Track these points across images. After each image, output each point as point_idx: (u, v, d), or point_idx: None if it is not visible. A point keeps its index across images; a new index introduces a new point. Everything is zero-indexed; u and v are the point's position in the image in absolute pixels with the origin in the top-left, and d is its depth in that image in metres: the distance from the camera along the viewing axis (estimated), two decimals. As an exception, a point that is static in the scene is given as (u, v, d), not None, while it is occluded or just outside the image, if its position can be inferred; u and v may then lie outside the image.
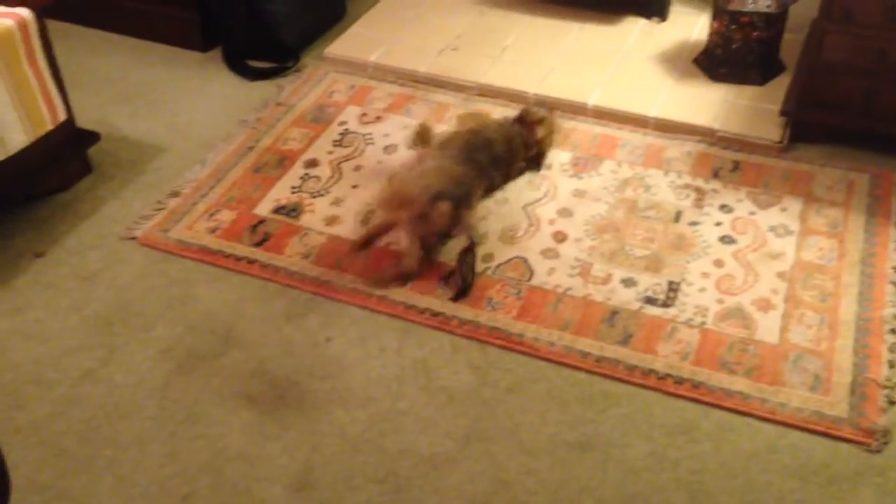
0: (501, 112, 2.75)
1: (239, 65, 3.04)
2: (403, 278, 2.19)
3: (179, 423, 1.87)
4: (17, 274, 2.22)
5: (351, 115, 2.79)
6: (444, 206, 2.12)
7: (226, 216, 2.40)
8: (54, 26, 2.39)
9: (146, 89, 2.94)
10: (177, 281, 2.21)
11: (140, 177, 2.55)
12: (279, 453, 1.81)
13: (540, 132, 2.50)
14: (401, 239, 2.23)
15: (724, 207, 2.40)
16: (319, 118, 2.78)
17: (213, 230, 2.35)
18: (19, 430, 1.84)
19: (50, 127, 2.31)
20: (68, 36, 3.11)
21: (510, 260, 2.26)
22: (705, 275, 2.19)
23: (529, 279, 2.20)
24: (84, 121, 2.55)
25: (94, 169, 2.55)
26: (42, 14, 2.25)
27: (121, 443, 1.82)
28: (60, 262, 2.26)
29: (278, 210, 2.42)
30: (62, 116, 2.34)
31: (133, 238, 2.33)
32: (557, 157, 2.60)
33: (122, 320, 2.10)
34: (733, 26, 2.76)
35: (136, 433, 1.84)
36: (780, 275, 2.19)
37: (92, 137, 2.52)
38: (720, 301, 2.12)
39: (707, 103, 2.75)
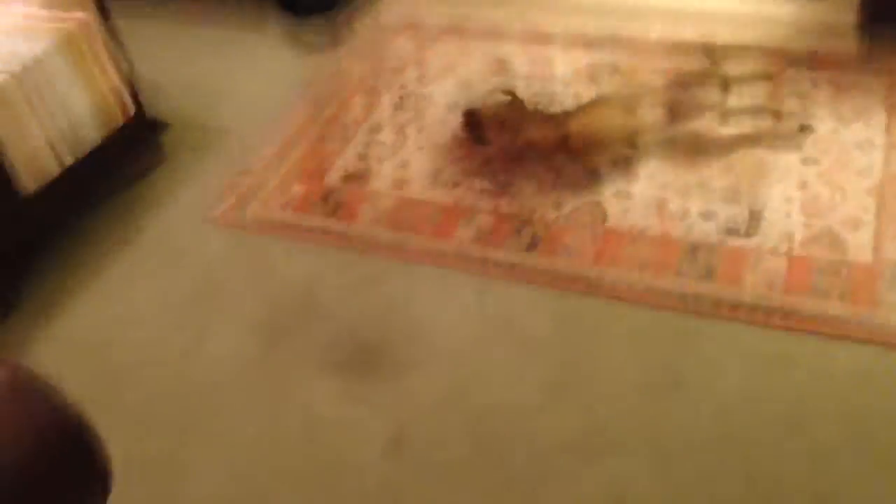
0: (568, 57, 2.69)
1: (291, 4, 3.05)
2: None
3: (274, 394, 1.92)
4: (110, 264, 2.31)
5: (410, 76, 2.78)
6: None
7: (297, 189, 2.43)
8: (119, 19, 2.45)
9: (208, 74, 3.00)
10: (258, 257, 2.26)
11: (212, 159, 2.61)
12: (370, 416, 1.85)
13: None
14: None
15: (804, 127, 2.29)
16: (378, 83, 2.78)
17: (286, 204, 2.39)
18: (129, 408, 1.93)
19: (121, 121, 2.38)
20: (132, 29, 3.18)
21: (582, 205, 2.22)
22: (789, 199, 2.11)
23: (604, 221, 2.16)
24: (154, 110, 2.62)
25: (168, 156, 2.62)
26: (106, 12, 2.31)
27: (221, 414, 1.89)
28: (147, 249, 2.34)
29: (347, 178, 2.44)
30: (132, 110, 2.41)
31: (212, 220, 2.40)
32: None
33: (210, 299, 2.17)
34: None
35: (234, 405, 1.91)
36: (869, 191, 2.09)
37: (162, 127, 2.59)
38: (807, 225, 2.04)
39: (776, 23, 2.62)
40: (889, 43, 2.46)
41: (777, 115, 2.33)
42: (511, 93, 2.43)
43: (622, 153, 2.26)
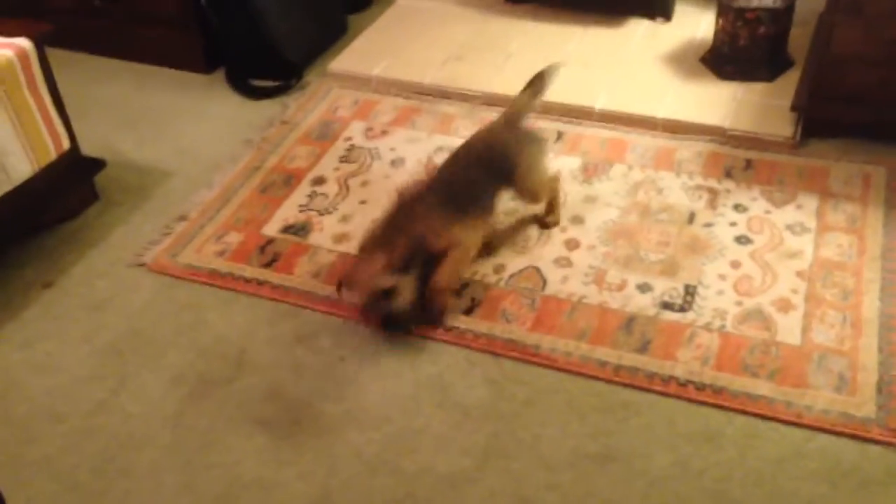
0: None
1: (242, 84, 3.04)
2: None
3: (194, 452, 1.84)
4: (27, 305, 2.21)
5: (356, 130, 2.77)
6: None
7: (234, 238, 2.38)
8: (55, 54, 2.38)
9: (151, 114, 2.94)
10: (187, 306, 2.19)
11: (147, 202, 2.53)
12: (295, 478, 1.78)
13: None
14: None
15: (739, 207, 2.36)
16: (325, 135, 2.76)
17: (221, 253, 2.33)
18: (32, 463, 1.82)
19: (54, 156, 2.30)
20: (70, 63, 3.11)
21: (523, 270, 2.22)
22: (722, 277, 2.15)
23: (543, 288, 2.17)
24: (89, 148, 2.54)
25: (101, 196, 2.54)
26: (42, 43, 2.24)
27: (135, 474, 1.80)
28: (69, 292, 2.24)
29: (286, 230, 2.40)
30: (66, 145, 2.34)
31: (142, 264, 2.32)
32: (567, 163, 2.56)
33: (133, 348, 2.08)
34: (739, 23, 2.72)
35: (150, 463, 1.82)
36: (800, 273, 2.14)
37: (97, 164, 2.51)
38: (739, 303, 2.08)
39: (716, 102, 2.71)
40: (824, 126, 2.56)
41: (713, 192, 2.39)
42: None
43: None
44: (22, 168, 2.20)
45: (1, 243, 2.28)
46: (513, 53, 3.04)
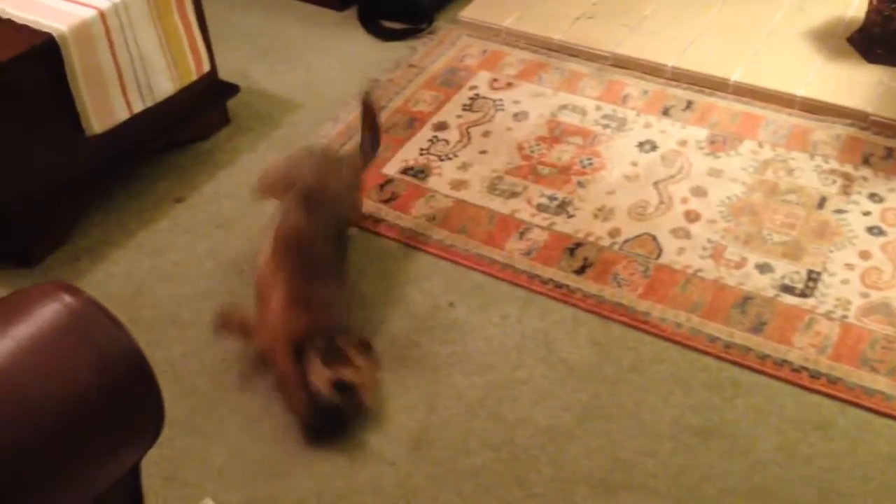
0: (641, 86, 2.67)
1: (373, 25, 3.06)
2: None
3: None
4: (159, 217, 2.32)
5: (482, 79, 2.77)
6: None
7: (355, 174, 2.42)
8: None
9: (283, 45, 3.00)
10: (305, 234, 2.25)
11: (275, 130, 2.60)
12: (397, 411, 1.83)
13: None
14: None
15: (874, 196, 2.25)
16: (450, 81, 2.77)
17: (342, 187, 2.38)
18: (156, 365, 1.90)
19: (194, 77, 2.38)
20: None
21: (638, 236, 2.20)
22: (849, 266, 2.07)
23: (658, 257, 2.13)
24: (224, 73, 2.62)
25: (232, 120, 2.62)
26: (193, -33, 2.32)
27: (249, 386, 1.88)
28: (198, 209, 2.34)
29: (406, 171, 2.43)
30: (206, 67, 2.41)
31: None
32: (693, 133, 2.50)
33: (253, 269, 2.16)
34: (894, 5, 2.57)
35: (263, 379, 1.90)
36: (934, 272, 2.04)
37: (232, 89, 2.59)
38: (865, 295, 2.00)
39: (860, 85, 2.58)
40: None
41: (847, 178, 2.30)
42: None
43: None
44: (165, 86, 2.29)
45: (139, 157, 2.39)
46: (647, 16, 2.96)
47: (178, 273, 2.16)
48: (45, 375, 0.78)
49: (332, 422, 1.74)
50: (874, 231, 2.16)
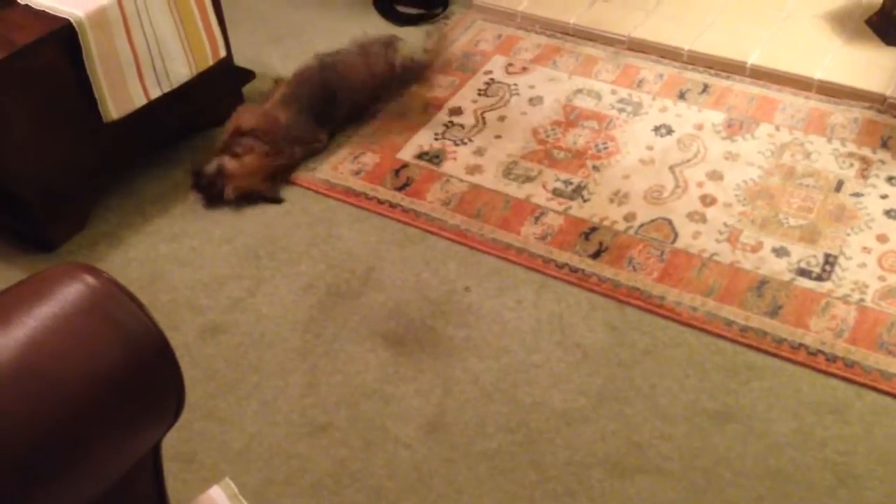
0: (657, 70, 2.66)
1: (388, 10, 3.06)
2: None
3: (319, 357, 1.93)
4: (176, 202, 2.33)
5: (497, 64, 2.76)
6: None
7: (370, 159, 2.43)
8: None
9: (298, 29, 3.00)
10: (321, 219, 2.27)
11: (290, 116, 2.61)
12: (413, 394, 1.84)
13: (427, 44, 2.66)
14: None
15: (892, 180, 2.24)
16: (465, 66, 2.76)
17: (357, 172, 2.39)
18: (174, 348, 1.94)
19: (211, 62, 2.39)
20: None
21: (654, 220, 2.19)
22: (867, 249, 2.06)
23: (673, 241, 2.13)
24: (240, 58, 2.63)
25: (249, 105, 2.62)
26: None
27: (265, 370, 1.90)
28: (214, 194, 2.35)
29: (421, 156, 2.43)
30: (222, 53, 2.42)
31: (281, 175, 2.40)
32: (709, 117, 2.49)
33: (270, 254, 2.18)
34: (916, -15, 2.54)
35: (279, 362, 1.92)
36: (952, 256, 2.03)
37: (248, 75, 2.60)
38: (882, 278, 1.99)
39: (879, 68, 2.56)
40: None
41: (865, 161, 2.28)
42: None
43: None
44: (181, 71, 2.30)
45: (156, 142, 2.40)
46: (663, 0, 2.94)
47: (195, 258, 2.18)
48: (69, 354, 0.79)
49: (206, 190, 2.33)
50: (892, 214, 2.15)
